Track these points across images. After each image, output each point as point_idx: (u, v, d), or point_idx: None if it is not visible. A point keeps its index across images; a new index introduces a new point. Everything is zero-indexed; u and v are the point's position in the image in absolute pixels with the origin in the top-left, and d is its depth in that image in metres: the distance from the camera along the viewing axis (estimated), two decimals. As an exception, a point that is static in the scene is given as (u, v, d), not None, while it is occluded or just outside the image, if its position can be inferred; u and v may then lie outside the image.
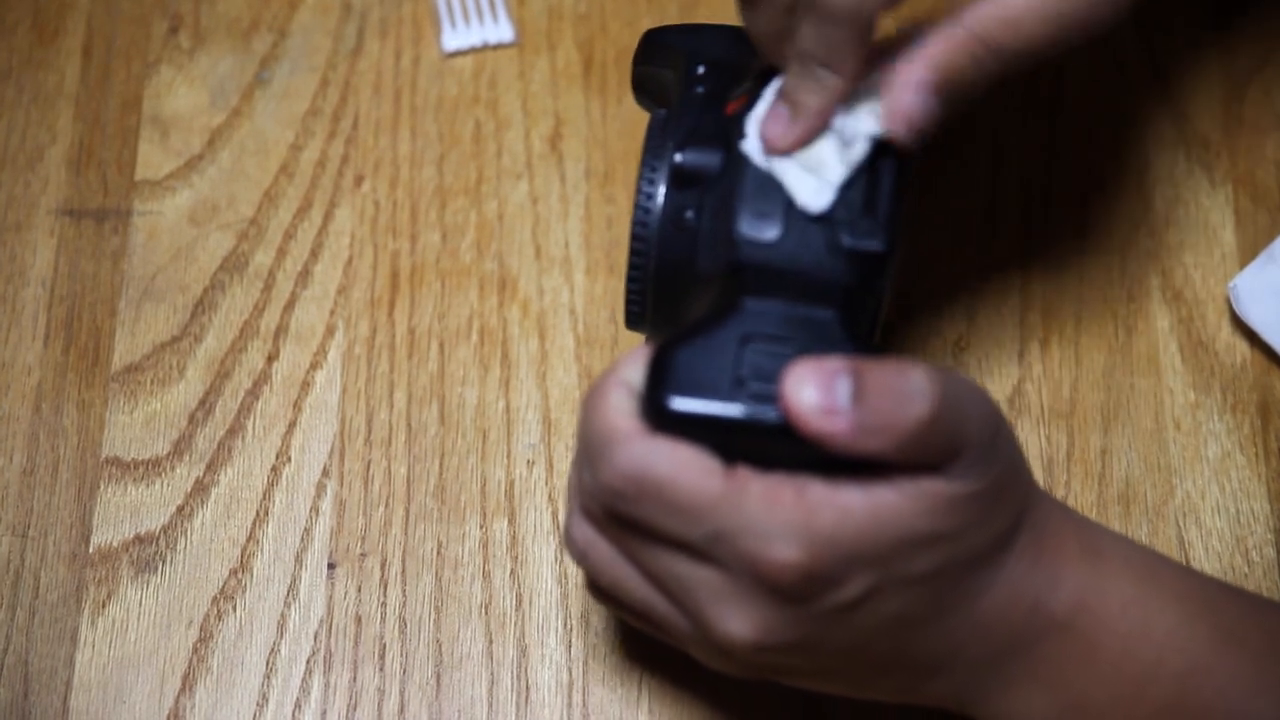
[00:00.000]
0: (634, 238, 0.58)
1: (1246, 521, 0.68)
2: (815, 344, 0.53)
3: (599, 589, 0.57)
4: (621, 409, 0.52)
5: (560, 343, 0.72)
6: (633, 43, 0.77)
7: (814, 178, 0.55)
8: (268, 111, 0.77)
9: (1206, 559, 0.67)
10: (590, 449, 0.53)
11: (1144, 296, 0.71)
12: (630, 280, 0.59)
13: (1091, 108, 0.75)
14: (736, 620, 0.52)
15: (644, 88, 0.64)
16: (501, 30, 0.78)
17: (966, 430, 0.51)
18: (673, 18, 0.78)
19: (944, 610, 0.54)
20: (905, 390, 0.49)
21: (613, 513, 0.53)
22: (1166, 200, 0.73)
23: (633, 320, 0.60)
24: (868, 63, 0.55)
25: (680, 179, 0.58)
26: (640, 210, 0.58)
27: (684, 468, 0.51)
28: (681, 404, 0.52)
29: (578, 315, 0.72)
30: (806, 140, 0.55)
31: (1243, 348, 0.70)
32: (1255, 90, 0.75)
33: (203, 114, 0.77)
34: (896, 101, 0.54)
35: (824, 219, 0.55)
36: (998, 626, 0.54)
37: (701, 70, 0.60)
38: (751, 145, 0.56)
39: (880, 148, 0.56)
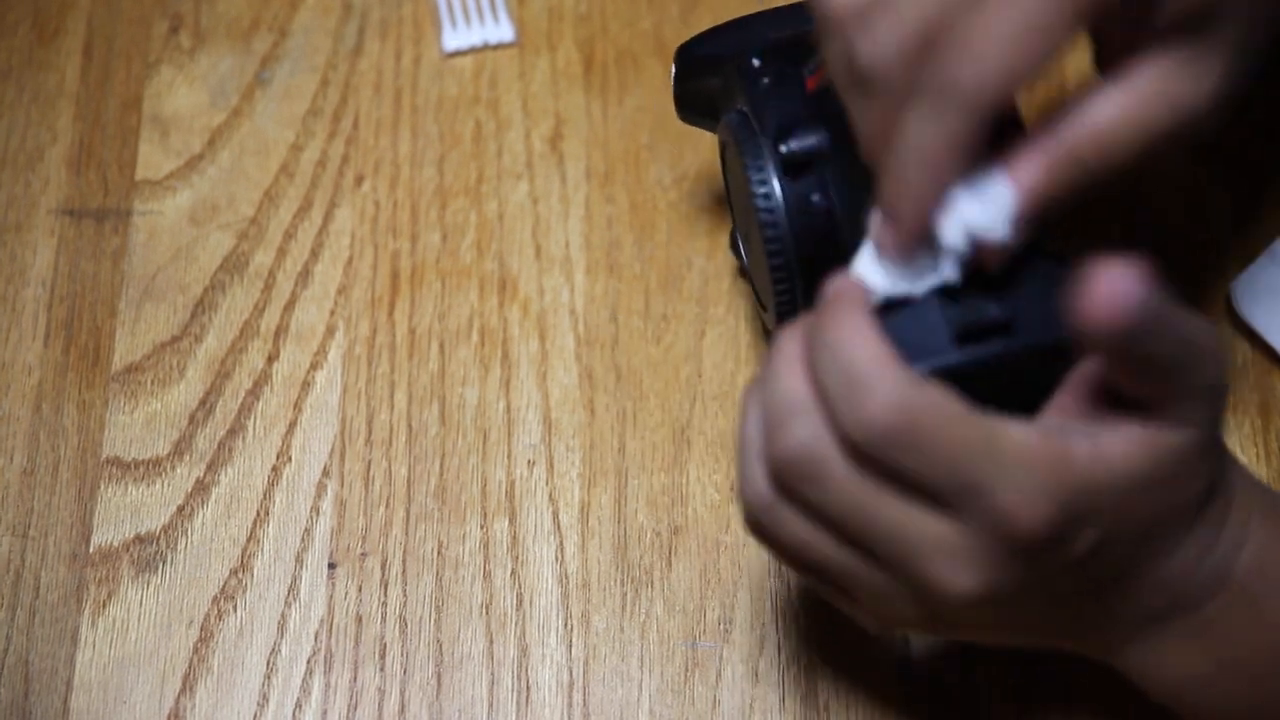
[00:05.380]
0: (768, 240, 0.57)
1: (1247, 521, 0.68)
2: (1010, 269, 0.52)
3: (770, 541, 0.55)
4: (878, 345, 0.50)
5: (561, 343, 0.72)
6: (633, 43, 0.78)
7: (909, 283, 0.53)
8: (268, 111, 0.77)
9: (1207, 559, 0.67)
10: (841, 385, 0.50)
11: (1144, 296, 0.71)
12: (777, 282, 0.58)
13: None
14: (964, 576, 0.51)
15: (690, 103, 0.64)
16: (502, 30, 0.78)
17: (1189, 370, 0.50)
18: (673, 18, 0.78)
19: (1143, 564, 0.53)
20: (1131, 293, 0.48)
21: (865, 457, 0.51)
22: (1166, 200, 0.73)
23: (786, 316, 0.59)
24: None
25: (793, 168, 0.57)
26: (764, 213, 0.57)
27: (951, 416, 0.49)
28: (915, 369, 0.51)
29: (578, 315, 0.72)
30: (909, 247, 0.53)
31: (1243, 348, 0.70)
32: (1256, 90, 0.75)
33: (203, 114, 0.77)
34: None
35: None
36: (1178, 583, 0.54)
37: (758, 62, 0.60)
38: (865, 267, 0.54)
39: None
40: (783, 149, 0.57)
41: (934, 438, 0.50)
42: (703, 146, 0.75)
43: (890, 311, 0.53)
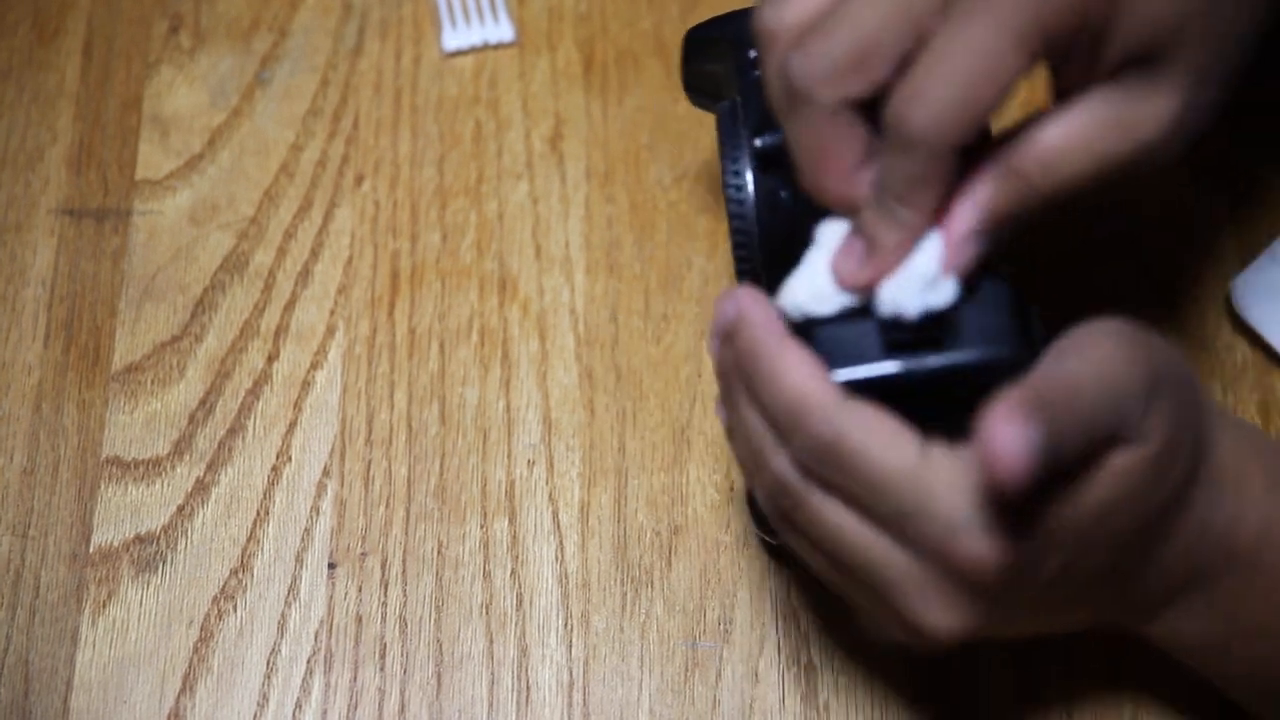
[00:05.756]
0: (735, 230, 0.58)
1: (1247, 521, 0.68)
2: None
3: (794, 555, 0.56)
4: (805, 370, 0.51)
5: (560, 342, 0.72)
6: (633, 43, 0.78)
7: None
8: (268, 111, 0.77)
9: (1207, 559, 0.67)
10: (781, 417, 0.51)
11: (1144, 296, 0.71)
12: (740, 274, 0.58)
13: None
14: (938, 613, 0.51)
15: (696, 86, 0.64)
16: (502, 30, 0.78)
17: (1118, 404, 0.50)
18: (673, 18, 0.78)
19: (1132, 562, 0.53)
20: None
21: (813, 478, 0.51)
22: (1167, 199, 0.73)
23: None
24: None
25: (766, 162, 0.58)
26: (734, 203, 0.58)
27: (875, 437, 0.50)
28: (842, 375, 0.51)
29: (578, 315, 0.72)
30: (879, 279, 0.53)
31: (1243, 347, 0.70)
32: (1254, 89, 0.75)
33: (203, 114, 0.77)
34: (951, 255, 0.52)
35: None
36: (1183, 563, 0.54)
37: (754, 54, 0.60)
38: (800, 292, 0.54)
39: None
40: (757, 142, 0.58)
41: (861, 457, 0.50)
42: (702, 146, 0.75)
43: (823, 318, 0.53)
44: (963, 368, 0.52)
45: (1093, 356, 0.51)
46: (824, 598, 0.66)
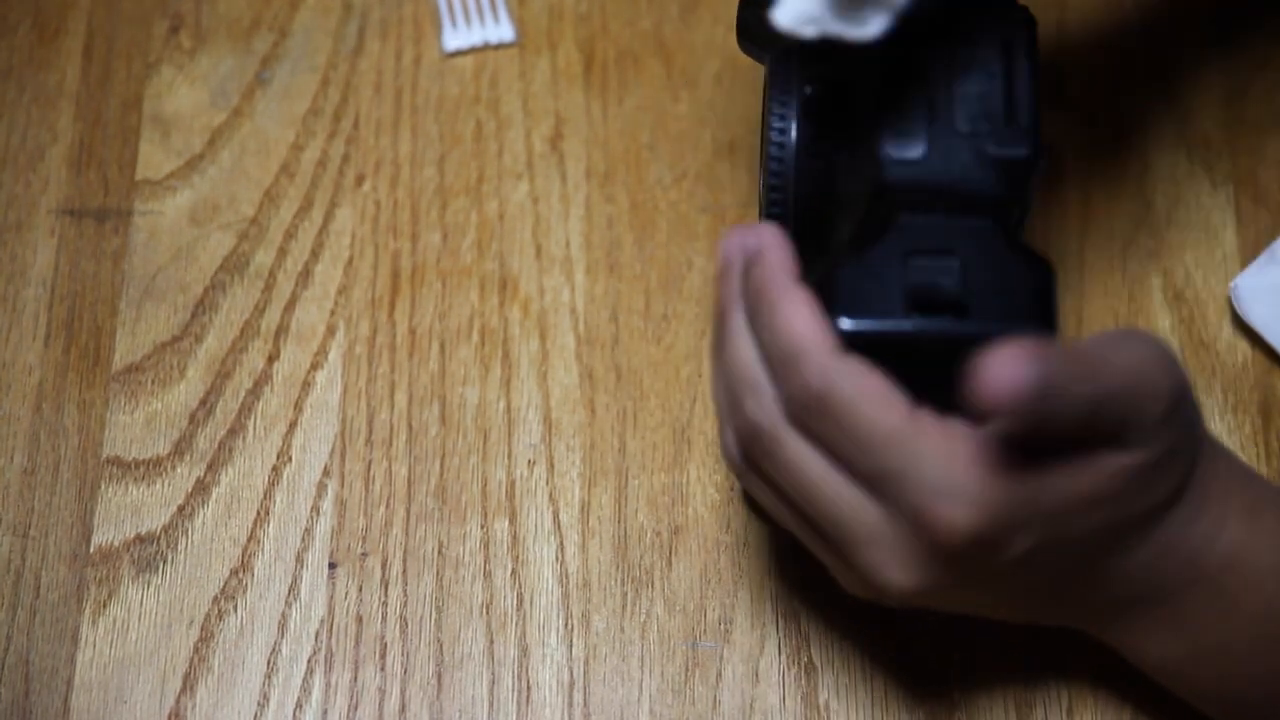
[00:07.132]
0: (772, 174, 0.58)
1: (1247, 521, 0.68)
2: (978, 253, 0.53)
3: (754, 500, 0.57)
4: (806, 316, 0.52)
5: (561, 342, 0.72)
6: (633, 43, 0.78)
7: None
8: (268, 111, 0.77)
9: (1207, 559, 0.67)
10: (776, 359, 0.52)
11: (1145, 296, 0.71)
12: (771, 219, 0.58)
13: (1093, 107, 0.75)
14: (895, 569, 0.52)
15: (749, 32, 0.64)
16: (502, 30, 0.78)
17: (1139, 404, 0.50)
18: (673, 18, 0.78)
19: (1099, 561, 0.54)
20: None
21: (798, 425, 0.52)
22: (1168, 200, 0.73)
23: None
24: None
25: (812, 110, 0.58)
26: (774, 146, 0.58)
27: (866, 394, 0.50)
28: (852, 324, 0.52)
29: (579, 315, 0.72)
30: None
31: (1244, 348, 0.70)
32: (1257, 90, 0.75)
33: (203, 113, 0.77)
34: None
35: (967, 131, 0.54)
36: (1149, 575, 0.55)
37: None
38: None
39: (1012, 51, 0.55)
40: (807, 90, 0.58)
41: (850, 412, 0.50)
42: (702, 146, 0.75)
43: (849, 261, 0.53)
44: (977, 339, 0.51)
45: (1128, 352, 0.51)
46: (824, 598, 0.66)
